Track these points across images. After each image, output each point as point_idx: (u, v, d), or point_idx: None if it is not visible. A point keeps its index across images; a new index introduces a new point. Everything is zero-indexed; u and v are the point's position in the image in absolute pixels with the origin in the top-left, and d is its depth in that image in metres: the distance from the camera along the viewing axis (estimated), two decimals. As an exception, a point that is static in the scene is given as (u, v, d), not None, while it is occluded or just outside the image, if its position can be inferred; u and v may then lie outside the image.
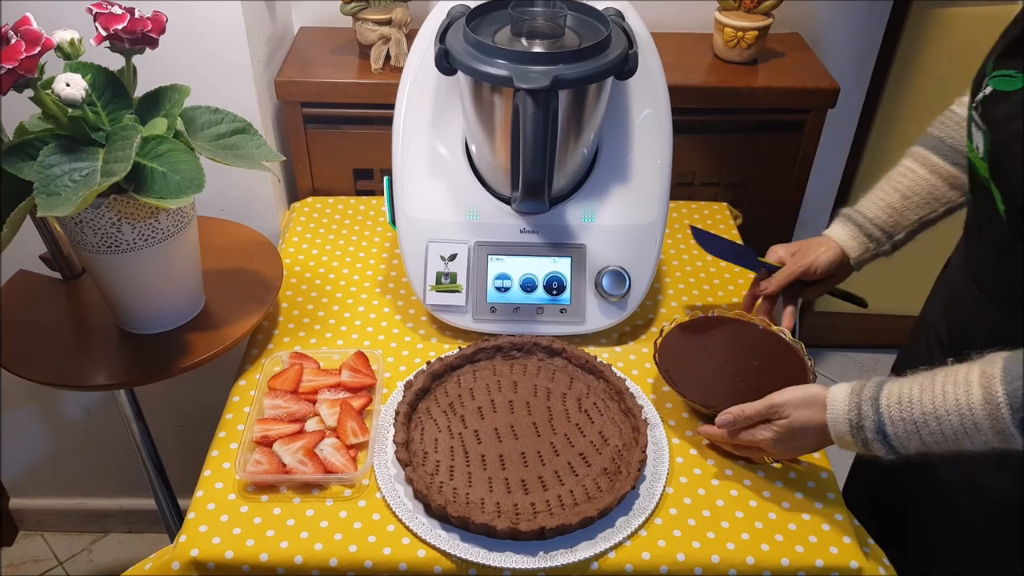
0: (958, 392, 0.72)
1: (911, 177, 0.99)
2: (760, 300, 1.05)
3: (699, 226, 1.31)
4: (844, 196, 1.80)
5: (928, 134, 1.01)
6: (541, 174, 0.93)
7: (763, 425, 0.86)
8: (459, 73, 0.95)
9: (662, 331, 1.02)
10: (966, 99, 0.99)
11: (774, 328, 1.01)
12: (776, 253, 1.05)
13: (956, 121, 0.99)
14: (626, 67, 0.93)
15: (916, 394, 0.75)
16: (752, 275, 1.08)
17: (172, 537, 1.22)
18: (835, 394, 0.81)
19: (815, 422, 0.82)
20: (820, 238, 1.04)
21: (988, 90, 0.79)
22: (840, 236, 1.02)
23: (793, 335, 1.01)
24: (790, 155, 1.42)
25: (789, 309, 1.05)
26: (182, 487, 1.25)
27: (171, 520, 1.27)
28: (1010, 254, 0.83)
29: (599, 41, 0.91)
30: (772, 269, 1.04)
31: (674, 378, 0.96)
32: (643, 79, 1.04)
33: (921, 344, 1.05)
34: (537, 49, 0.93)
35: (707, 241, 1.09)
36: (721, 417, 0.88)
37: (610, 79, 0.95)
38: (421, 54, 1.06)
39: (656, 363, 0.98)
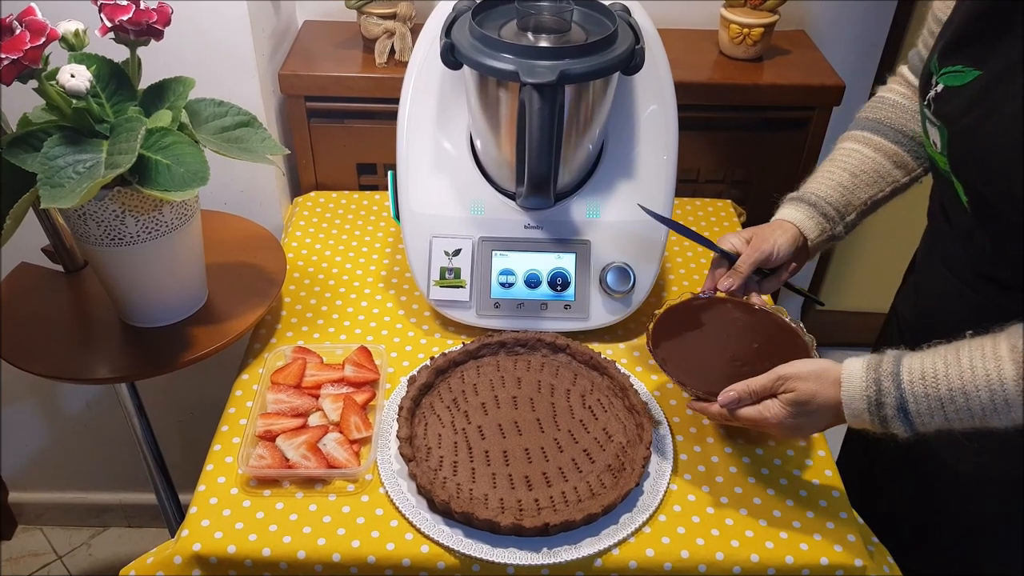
0: (988, 367, 0.68)
1: (857, 156, 0.96)
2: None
3: (703, 222, 1.32)
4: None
5: (862, 118, 0.99)
6: (547, 169, 0.92)
7: (770, 400, 0.81)
8: (464, 68, 0.94)
9: (653, 316, 0.97)
10: (895, 85, 0.99)
11: (769, 307, 0.96)
12: (728, 241, 0.97)
13: (889, 104, 0.98)
14: (632, 62, 0.92)
15: (941, 369, 0.71)
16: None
17: (172, 532, 1.22)
18: (850, 369, 0.76)
19: (825, 398, 0.77)
20: (773, 223, 0.97)
21: (939, 88, 0.79)
22: (795, 217, 0.96)
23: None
24: (795, 152, 1.41)
25: (755, 297, 0.98)
26: (183, 482, 1.25)
27: (172, 515, 1.27)
28: (977, 242, 0.82)
29: (606, 36, 0.91)
30: (729, 256, 0.97)
31: (673, 368, 0.90)
32: (649, 75, 1.03)
33: (892, 334, 1.04)
34: (543, 44, 0.93)
35: (661, 219, 1.01)
36: (724, 396, 0.82)
37: (616, 74, 0.95)
38: (426, 48, 1.05)
39: (650, 351, 0.92)
